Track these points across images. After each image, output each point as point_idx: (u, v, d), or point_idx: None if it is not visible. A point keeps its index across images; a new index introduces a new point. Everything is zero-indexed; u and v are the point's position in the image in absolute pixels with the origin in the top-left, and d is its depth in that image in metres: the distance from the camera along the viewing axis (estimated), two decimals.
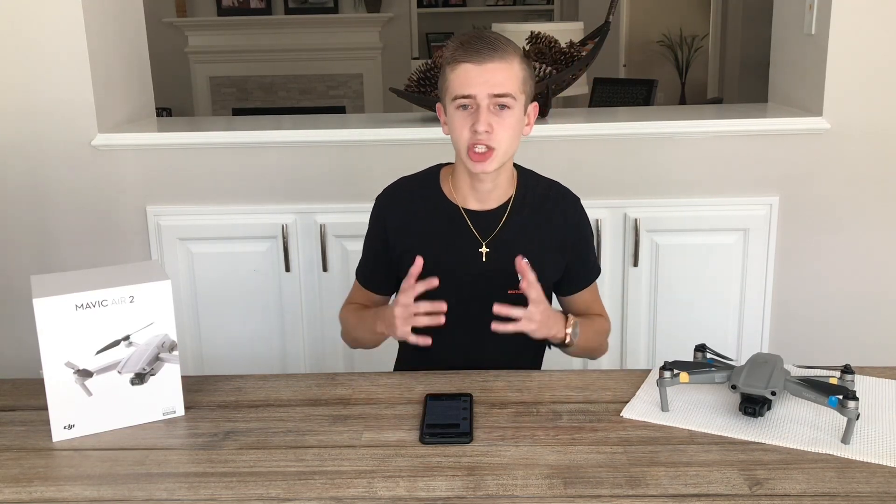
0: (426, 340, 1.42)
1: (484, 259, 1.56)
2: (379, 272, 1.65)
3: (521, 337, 1.46)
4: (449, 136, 1.53)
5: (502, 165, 1.52)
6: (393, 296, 1.68)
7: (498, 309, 1.40)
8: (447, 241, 1.57)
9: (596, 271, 1.68)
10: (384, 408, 1.37)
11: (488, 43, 1.46)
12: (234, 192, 2.44)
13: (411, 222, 1.59)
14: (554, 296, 1.68)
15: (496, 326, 1.41)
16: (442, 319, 1.41)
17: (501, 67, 1.45)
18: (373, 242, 1.64)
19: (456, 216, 1.57)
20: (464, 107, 1.47)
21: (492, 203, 1.57)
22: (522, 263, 1.43)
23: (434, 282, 1.41)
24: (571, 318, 1.54)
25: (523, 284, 1.44)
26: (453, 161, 1.60)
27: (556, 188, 1.64)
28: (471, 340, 1.58)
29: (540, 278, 1.55)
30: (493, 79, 1.44)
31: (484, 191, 1.56)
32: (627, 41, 8.14)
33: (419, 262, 1.43)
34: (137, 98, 2.68)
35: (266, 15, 6.52)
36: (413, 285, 1.41)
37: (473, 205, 1.57)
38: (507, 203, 1.58)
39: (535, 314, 1.44)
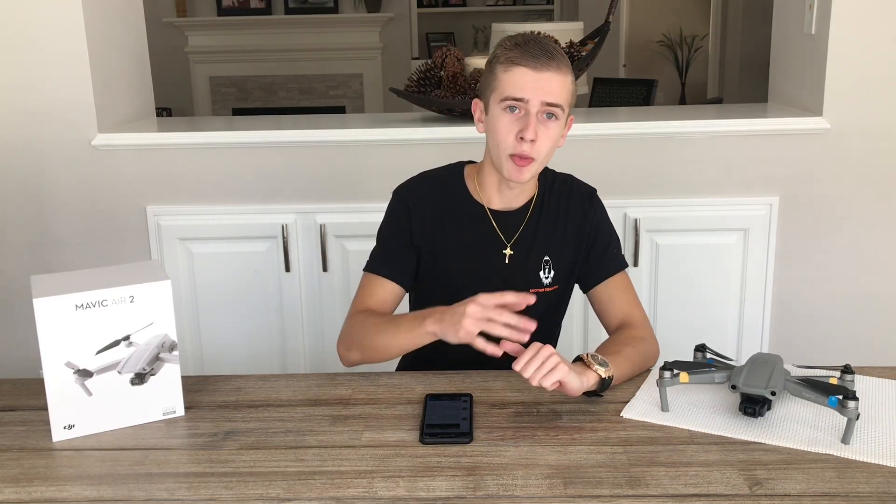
0: (497, 350, 1.31)
1: (507, 261, 1.55)
2: (403, 262, 1.57)
3: (538, 336, 1.38)
4: (483, 134, 1.52)
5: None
6: (406, 295, 1.61)
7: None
8: (472, 242, 1.56)
9: (617, 263, 1.60)
10: (384, 408, 1.37)
11: (547, 50, 1.43)
12: (234, 192, 2.44)
13: (437, 219, 1.56)
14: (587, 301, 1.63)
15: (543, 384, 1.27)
16: (525, 338, 1.30)
17: (557, 77, 1.43)
18: (397, 233, 1.57)
19: (481, 216, 1.56)
20: (511, 108, 1.44)
21: (516, 203, 1.57)
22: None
23: (531, 299, 1.32)
24: (586, 355, 1.37)
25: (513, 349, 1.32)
26: (475, 160, 1.60)
27: (571, 183, 1.64)
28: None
29: (560, 275, 1.54)
30: (548, 86, 1.42)
31: (511, 193, 1.55)
32: (627, 41, 8.14)
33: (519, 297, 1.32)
34: (137, 98, 2.68)
35: (266, 15, 6.52)
36: (504, 293, 1.31)
37: (498, 205, 1.57)
38: (529, 202, 1.58)
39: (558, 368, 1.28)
